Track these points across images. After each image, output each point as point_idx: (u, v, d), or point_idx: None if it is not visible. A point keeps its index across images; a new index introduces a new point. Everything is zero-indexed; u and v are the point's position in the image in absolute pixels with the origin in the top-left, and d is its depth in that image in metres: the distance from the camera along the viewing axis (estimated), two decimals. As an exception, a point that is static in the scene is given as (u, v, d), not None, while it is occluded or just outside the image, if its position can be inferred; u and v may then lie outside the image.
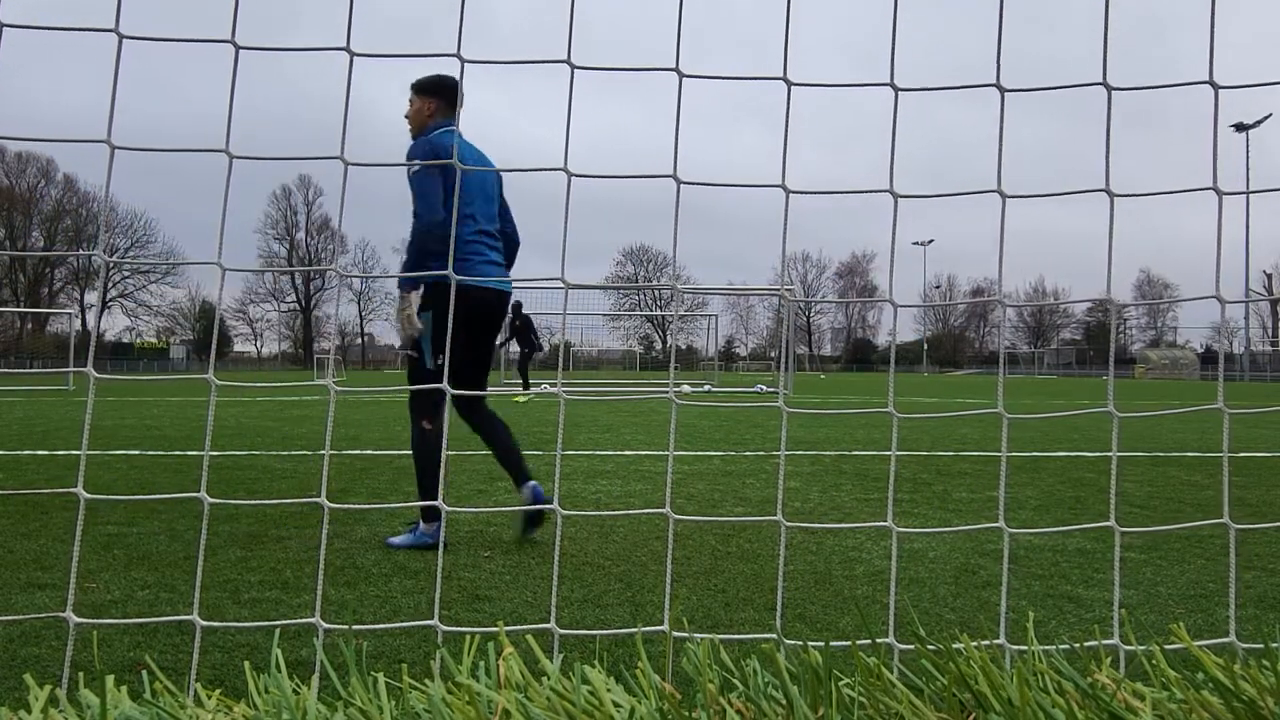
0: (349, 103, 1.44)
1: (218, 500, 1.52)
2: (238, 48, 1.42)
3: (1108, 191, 1.52)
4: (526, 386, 16.48)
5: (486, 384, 3.79)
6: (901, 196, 1.53)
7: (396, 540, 3.54)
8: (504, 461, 3.68)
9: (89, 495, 1.40)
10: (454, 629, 1.65)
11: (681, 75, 1.50)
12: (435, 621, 1.49)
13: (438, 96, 3.64)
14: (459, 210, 3.40)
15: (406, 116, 3.73)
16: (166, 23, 1.36)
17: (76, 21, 1.37)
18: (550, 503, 3.48)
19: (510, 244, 3.83)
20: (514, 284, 3.55)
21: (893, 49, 1.52)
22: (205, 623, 1.44)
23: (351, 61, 1.44)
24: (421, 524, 3.56)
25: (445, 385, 1.52)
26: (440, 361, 3.59)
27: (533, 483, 3.57)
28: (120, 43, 1.36)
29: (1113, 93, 1.54)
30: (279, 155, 1.50)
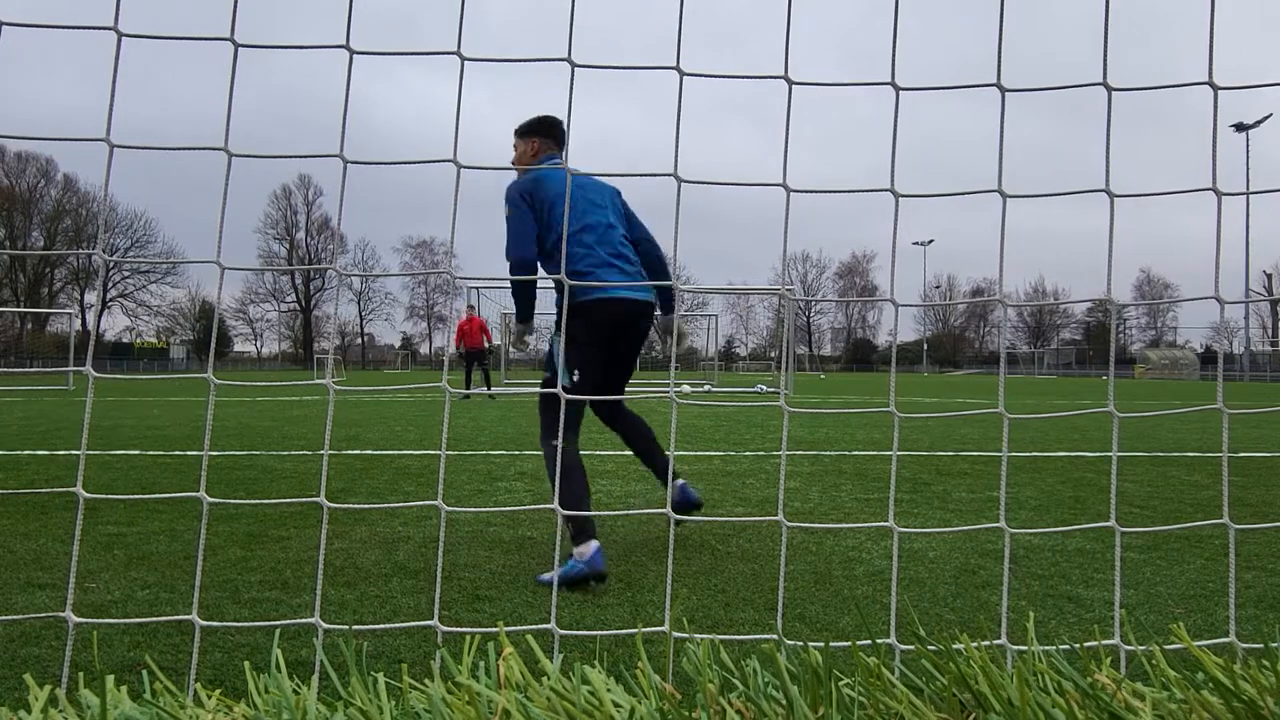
0: (348, 101, 1.44)
1: (218, 500, 1.52)
2: (236, 45, 1.42)
3: (1108, 192, 1.52)
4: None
5: (624, 390, 3.74)
6: (903, 196, 1.53)
7: (546, 576, 3.07)
8: (646, 462, 3.68)
9: (89, 495, 1.40)
10: (454, 629, 1.65)
11: (682, 74, 1.50)
12: (435, 621, 1.49)
13: (540, 135, 3.62)
14: (576, 223, 3.42)
15: (513, 163, 3.61)
16: (147, 21, 1.35)
17: (62, 20, 1.37)
18: (701, 503, 3.67)
19: (648, 251, 3.66)
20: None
21: (893, 49, 1.52)
22: (205, 622, 1.44)
23: (351, 60, 1.44)
24: (574, 551, 2.98)
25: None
26: (575, 379, 3.37)
27: (680, 481, 3.60)
28: (119, 41, 1.36)
29: (1111, 93, 1.54)
30: (278, 154, 1.50)
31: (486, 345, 17.21)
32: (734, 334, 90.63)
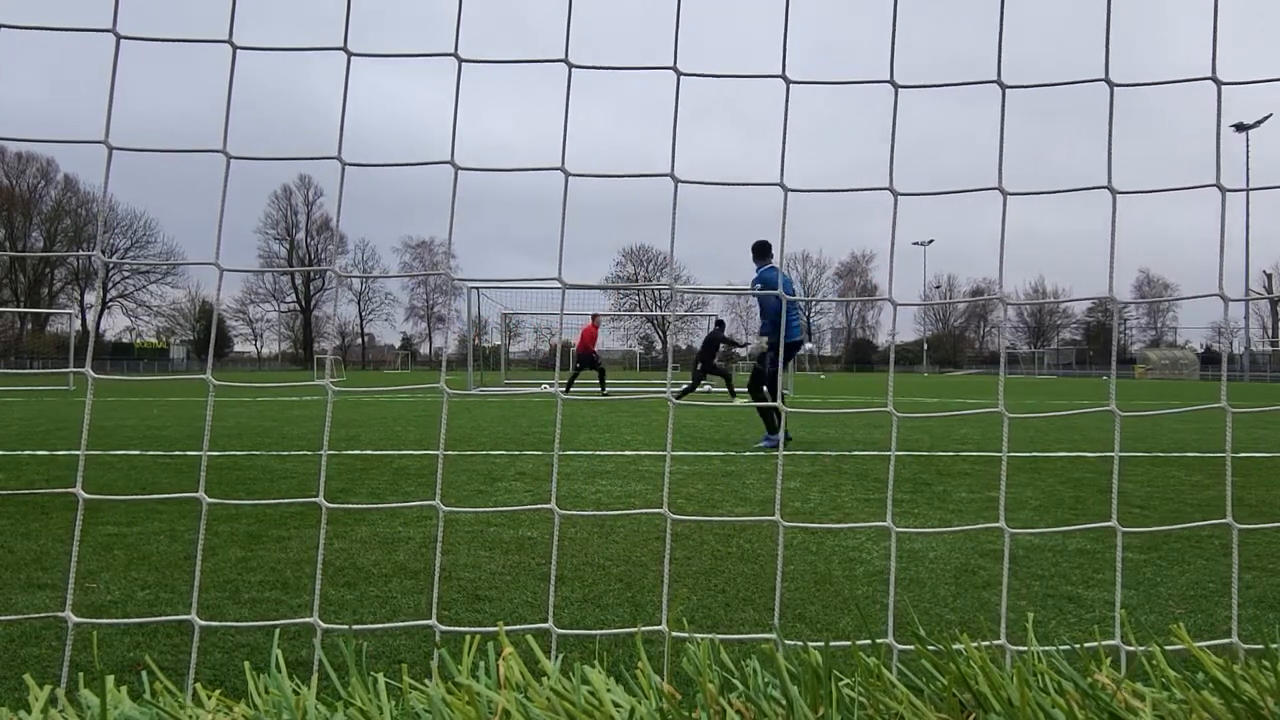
0: (346, 103, 1.44)
1: (217, 500, 1.52)
2: (235, 48, 1.42)
3: (1110, 189, 1.52)
4: (694, 389, 17.53)
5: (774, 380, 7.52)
6: (902, 194, 1.53)
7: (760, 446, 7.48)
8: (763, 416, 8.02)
9: (88, 495, 1.40)
10: (453, 629, 1.65)
11: (679, 74, 1.50)
12: (433, 621, 1.49)
13: (758, 254, 8.01)
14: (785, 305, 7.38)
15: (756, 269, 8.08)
16: (109, 17, 1.35)
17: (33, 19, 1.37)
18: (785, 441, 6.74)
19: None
20: (519, 284, 3.93)
21: (892, 47, 1.52)
22: (204, 622, 1.44)
23: (349, 62, 1.44)
24: (766, 436, 7.78)
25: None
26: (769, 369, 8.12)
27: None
28: (118, 44, 1.36)
29: (1114, 89, 1.54)
30: (275, 156, 1.50)
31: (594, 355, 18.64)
32: (734, 334, 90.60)
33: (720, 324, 17.91)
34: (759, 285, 7.94)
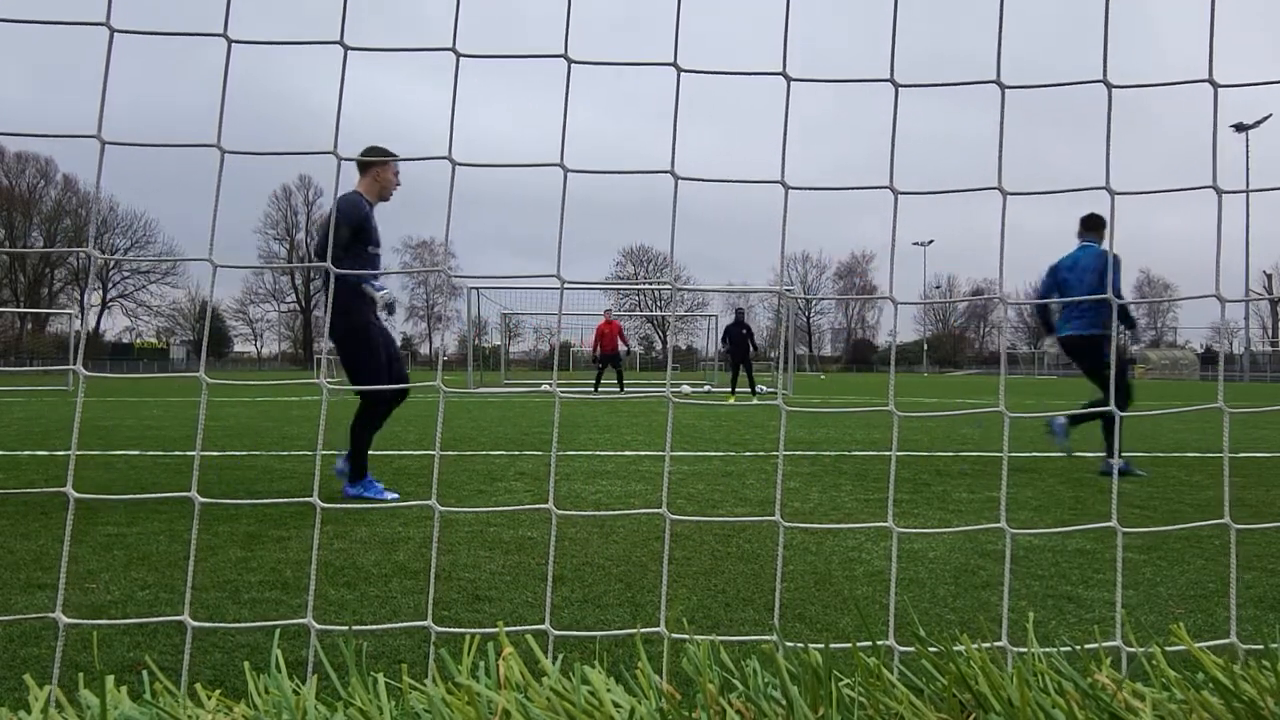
0: (342, 99, 1.44)
1: (210, 500, 1.52)
2: (230, 41, 1.42)
3: (1108, 189, 1.52)
4: (734, 389, 17.82)
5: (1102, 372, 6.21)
6: (902, 193, 1.53)
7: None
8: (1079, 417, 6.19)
9: (78, 495, 1.40)
10: (452, 630, 1.65)
11: (680, 70, 1.50)
12: (429, 622, 1.48)
13: (1086, 228, 6.40)
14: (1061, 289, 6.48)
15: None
16: (95, 13, 1.35)
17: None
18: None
19: (1118, 309, 6.27)
20: (518, 283, 3.85)
21: (893, 46, 1.52)
22: (196, 623, 1.44)
23: (345, 56, 1.44)
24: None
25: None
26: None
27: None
28: (111, 37, 1.36)
29: (1112, 90, 1.53)
30: (272, 150, 1.50)
31: (624, 350, 18.87)
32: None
33: (740, 313, 17.94)
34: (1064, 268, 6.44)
